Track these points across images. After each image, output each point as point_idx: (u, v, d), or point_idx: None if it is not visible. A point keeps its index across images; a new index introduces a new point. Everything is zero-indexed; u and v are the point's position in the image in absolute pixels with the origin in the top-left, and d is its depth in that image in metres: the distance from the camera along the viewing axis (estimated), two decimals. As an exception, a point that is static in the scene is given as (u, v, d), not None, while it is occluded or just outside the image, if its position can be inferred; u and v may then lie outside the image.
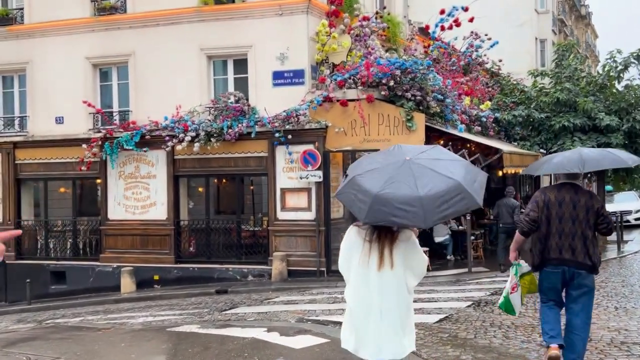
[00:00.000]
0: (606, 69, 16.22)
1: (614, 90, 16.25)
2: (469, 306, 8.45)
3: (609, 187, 39.13)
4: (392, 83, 12.18)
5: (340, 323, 7.47)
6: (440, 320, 7.44)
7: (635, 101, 15.33)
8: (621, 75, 15.83)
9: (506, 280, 5.47)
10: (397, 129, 12.31)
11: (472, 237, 13.34)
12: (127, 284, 13.67)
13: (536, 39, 30.53)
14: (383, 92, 12.28)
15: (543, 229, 4.99)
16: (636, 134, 15.50)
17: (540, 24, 30.85)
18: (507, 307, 5.35)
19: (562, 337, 4.96)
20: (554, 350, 4.84)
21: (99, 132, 14.18)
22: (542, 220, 5.00)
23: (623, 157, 5.44)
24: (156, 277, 13.81)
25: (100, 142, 14.00)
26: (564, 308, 5.11)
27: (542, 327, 5.11)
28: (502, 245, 12.18)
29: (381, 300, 3.42)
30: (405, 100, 12.26)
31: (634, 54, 15.53)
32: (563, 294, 5.10)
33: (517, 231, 5.29)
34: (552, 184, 8.74)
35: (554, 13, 32.41)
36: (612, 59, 16.18)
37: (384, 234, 3.44)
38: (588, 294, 4.98)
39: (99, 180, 14.68)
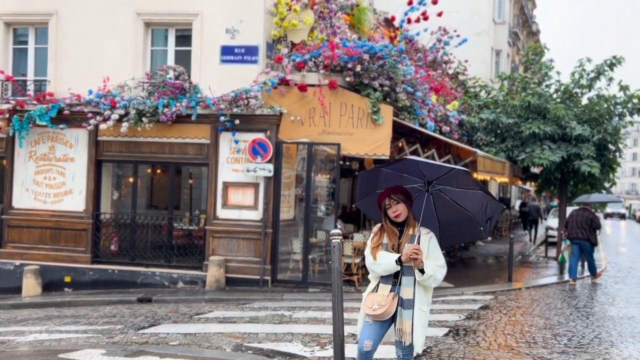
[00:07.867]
0: (575, 77, 15.38)
1: (583, 100, 15.45)
2: (446, 334, 6.97)
3: (553, 203, 39.85)
4: (358, 68, 10.64)
5: (289, 354, 5.67)
6: (418, 357, 5.88)
7: (607, 112, 14.51)
8: (593, 83, 15.00)
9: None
10: (361, 122, 10.77)
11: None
12: (31, 286, 11.48)
13: (492, 49, 30.50)
14: (348, 79, 10.72)
15: (570, 226, 12.35)
16: (605, 146, 14.71)
17: (496, 35, 30.90)
18: (563, 260, 13.25)
19: (576, 274, 12.27)
20: (572, 282, 11.92)
21: (8, 102, 11.92)
22: (569, 222, 12.43)
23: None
24: (67, 279, 11.77)
25: (7, 115, 11.76)
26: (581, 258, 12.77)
27: (569, 267, 12.14)
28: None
29: None
30: (372, 90, 10.76)
31: (607, 62, 14.74)
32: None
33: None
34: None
35: (509, 24, 32.44)
36: (582, 67, 15.36)
37: None
38: (591, 251, 12.42)
39: (3, 161, 12.33)
